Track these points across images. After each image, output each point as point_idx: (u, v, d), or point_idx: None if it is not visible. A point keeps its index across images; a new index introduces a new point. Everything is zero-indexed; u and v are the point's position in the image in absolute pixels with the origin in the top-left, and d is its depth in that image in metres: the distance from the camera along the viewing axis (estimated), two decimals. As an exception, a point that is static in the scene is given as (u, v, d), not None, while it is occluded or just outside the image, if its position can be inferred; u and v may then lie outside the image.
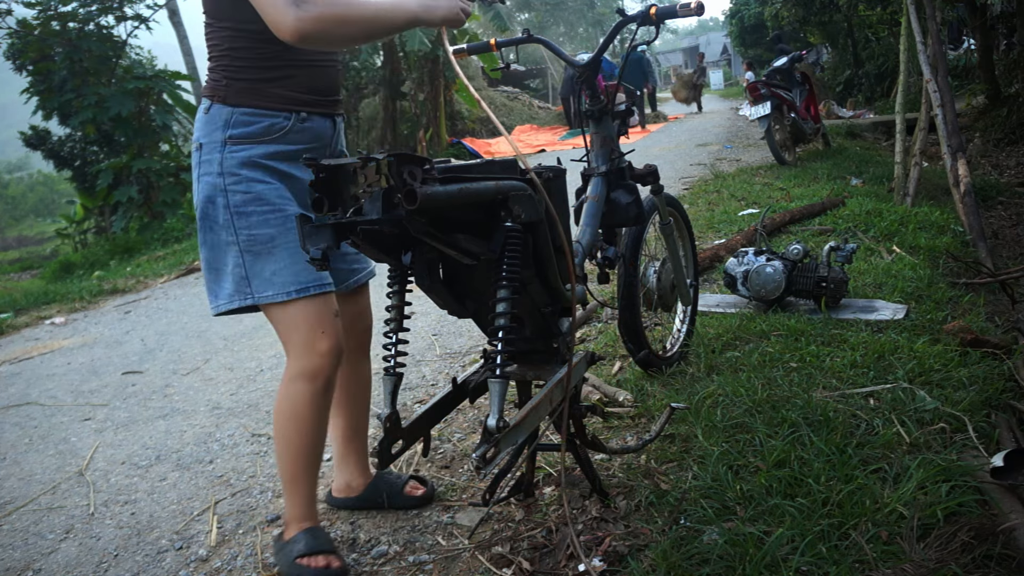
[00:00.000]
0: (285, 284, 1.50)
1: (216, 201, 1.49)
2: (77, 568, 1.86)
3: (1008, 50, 10.57)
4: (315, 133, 1.59)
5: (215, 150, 1.49)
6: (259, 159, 1.50)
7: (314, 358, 1.53)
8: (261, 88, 1.50)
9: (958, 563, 1.35)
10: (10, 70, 11.10)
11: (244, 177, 1.49)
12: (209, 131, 1.50)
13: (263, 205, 1.49)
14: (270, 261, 1.50)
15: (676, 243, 2.48)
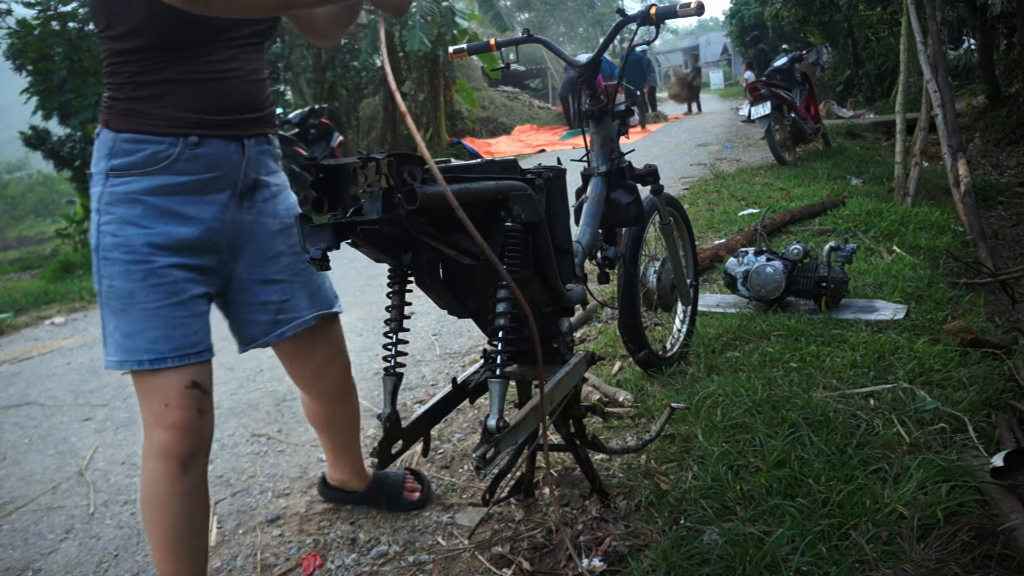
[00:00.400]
0: (135, 351, 1.30)
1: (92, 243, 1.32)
2: (77, 568, 1.86)
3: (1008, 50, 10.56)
4: (212, 160, 1.34)
5: (99, 182, 1.31)
6: (141, 195, 1.29)
7: (160, 434, 1.33)
8: (143, 109, 1.28)
9: (958, 563, 1.35)
10: (10, 70, 11.10)
11: (117, 217, 1.29)
12: (96, 160, 1.33)
13: (128, 253, 1.28)
14: (125, 321, 1.30)
15: (676, 243, 2.48)
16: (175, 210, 1.31)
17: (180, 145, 1.30)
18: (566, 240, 1.56)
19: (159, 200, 1.30)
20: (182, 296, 1.32)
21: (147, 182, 1.29)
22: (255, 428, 2.61)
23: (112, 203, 1.28)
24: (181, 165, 1.31)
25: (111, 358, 1.33)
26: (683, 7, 1.91)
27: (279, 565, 1.76)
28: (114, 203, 1.28)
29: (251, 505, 2.06)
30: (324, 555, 1.77)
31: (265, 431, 2.57)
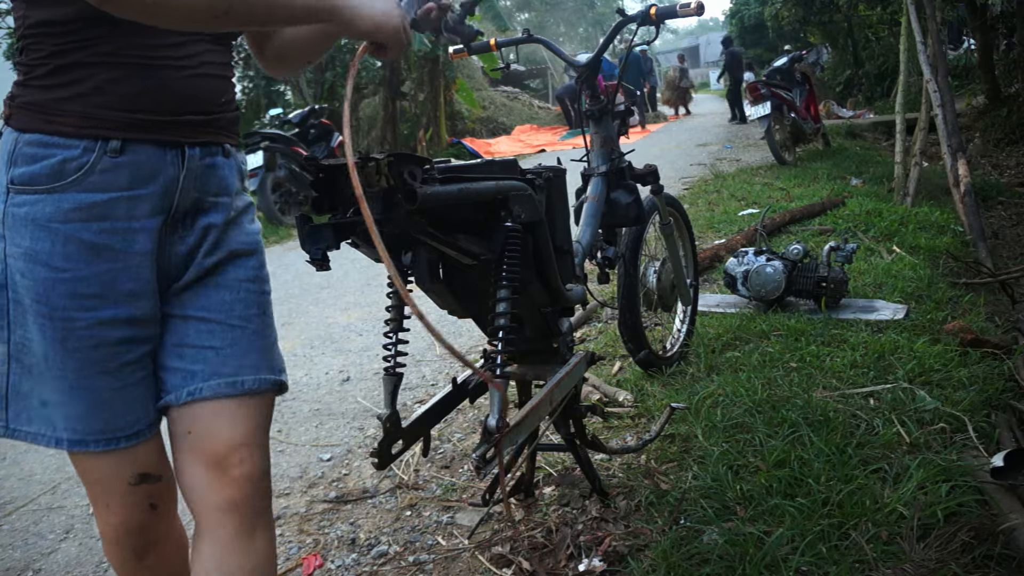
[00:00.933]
0: (53, 426, 1.00)
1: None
2: (77, 568, 1.86)
3: (1008, 50, 10.57)
4: (141, 173, 0.98)
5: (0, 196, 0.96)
6: (49, 222, 0.93)
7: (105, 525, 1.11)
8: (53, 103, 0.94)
9: (958, 563, 1.35)
10: (10, 70, 11.10)
11: (24, 252, 0.94)
12: None
13: (40, 305, 0.95)
14: (41, 385, 0.99)
15: (676, 243, 2.48)
16: (96, 242, 0.95)
17: (97, 151, 0.94)
18: (566, 240, 1.56)
19: (73, 229, 0.94)
20: (111, 364, 0.99)
21: (54, 204, 0.94)
22: (255, 428, 2.61)
23: (16, 228, 0.94)
24: (96, 178, 0.95)
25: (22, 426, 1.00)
26: (683, 7, 1.91)
27: (279, 565, 1.76)
28: (18, 229, 0.94)
29: (251, 505, 2.06)
30: (324, 555, 1.77)
31: (265, 431, 2.57)
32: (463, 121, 14.93)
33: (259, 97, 12.92)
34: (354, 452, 2.32)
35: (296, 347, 3.50)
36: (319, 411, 2.69)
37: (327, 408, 2.71)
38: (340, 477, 2.17)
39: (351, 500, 2.02)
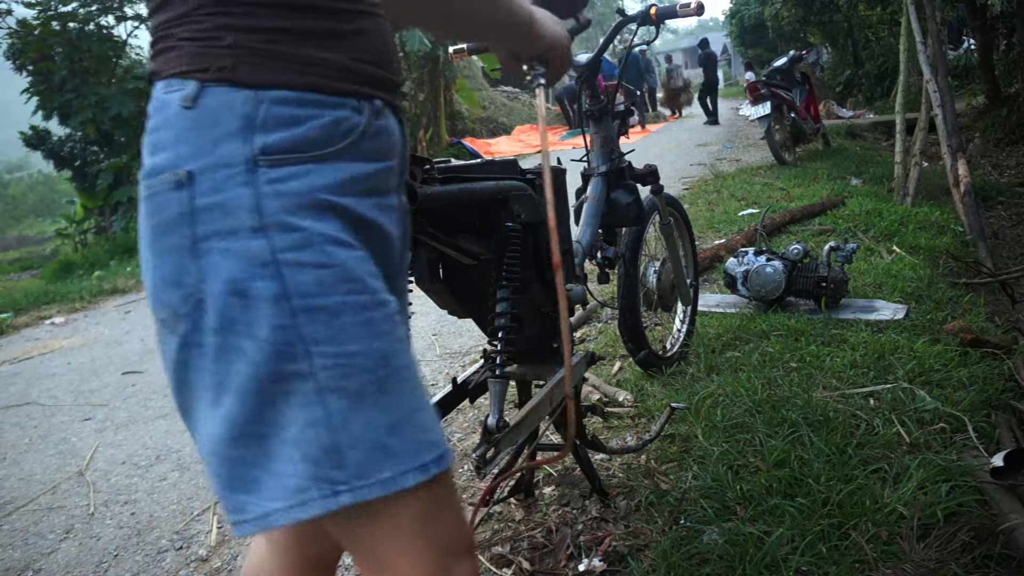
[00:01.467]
0: (417, 452, 0.72)
1: (252, 291, 0.68)
2: (77, 568, 1.86)
3: (1008, 50, 10.57)
4: (391, 140, 0.81)
5: (233, 180, 0.68)
6: (330, 195, 0.71)
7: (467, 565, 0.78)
8: (308, 53, 0.72)
9: (958, 563, 1.35)
10: (10, 70, 11.10)
11: (312, 235, 0.69)
12: (207, 143, 0.69)
13: (358, 293, 0.71)
14: (385, 407, 0.71)
15: (676, 243, 2.48)
16: (374, 221, 0.76)
17: (366, 113, 0.76)
18: (566, 240, 1.56)
19: (353, 203, 0.73)
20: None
21: (330, 173, 0.72)
22: (255, 428, 2.61)
23: (291, 211, 0.69)
24: (367, 145, 0.76)
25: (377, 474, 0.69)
26: (683, 7, 1.91)
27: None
28: (294, 211, 0.69)
29: (251, 505, 2.06)
30: (324, 555, 1.77)
31: (265, 431, 2.57)
32: (463, 121, 14.94)
33: (259, 97, 12.91)
34: (354, 452, 2.32)
35: (296, 347, 3.51)
36: (319, 411, 2.69)
37: (327, 408, 2.71)
38: (340, 477, 2.17)
39: (351, 500, 2.02)
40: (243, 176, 0.68)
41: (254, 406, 0.67)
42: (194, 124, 0.69)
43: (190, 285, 0.68)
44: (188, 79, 0.69)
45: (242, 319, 0.67)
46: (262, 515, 0.68)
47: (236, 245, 0.68)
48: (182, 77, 0.70)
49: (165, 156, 0.69)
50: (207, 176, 0.68)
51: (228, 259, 0.68)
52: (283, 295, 0.68)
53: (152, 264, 0.71)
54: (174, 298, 0.69)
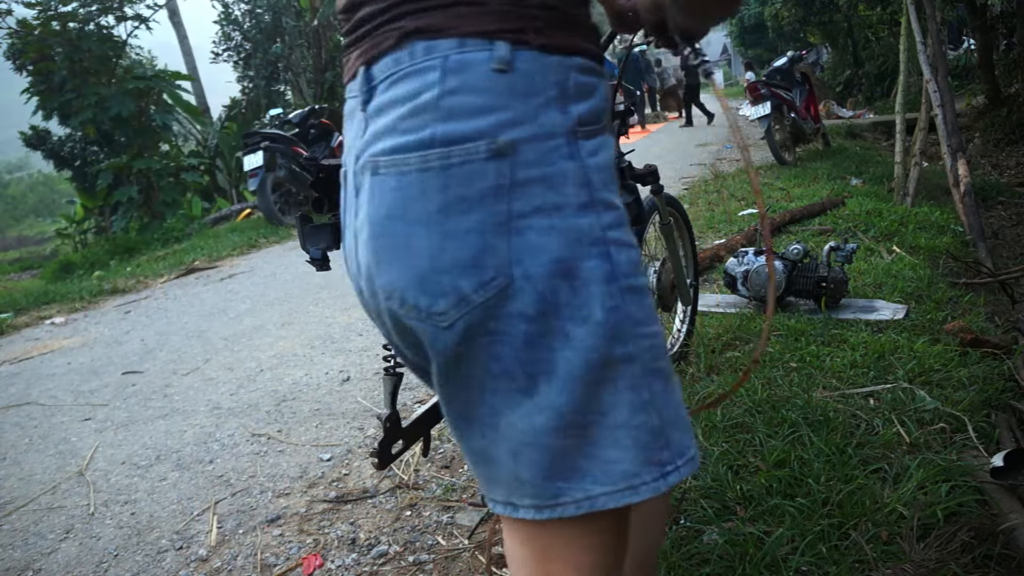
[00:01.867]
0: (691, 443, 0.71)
1: (582, 272, 0.63)
2: (77, 568, 1.86)
3: (1008, 50, 10.57)
4: None
5: (557, 152, 0.63)
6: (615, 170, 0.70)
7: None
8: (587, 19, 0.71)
9: (958, 563, 1.35)
10: (10, 70, 11.11)
11: (622, 211, 0.68)
12: (530, 111, 0.63)
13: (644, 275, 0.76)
14: (675, 384, 0.71)
15: (676, 243, 2.48)
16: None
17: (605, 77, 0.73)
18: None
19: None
20: None
21: (611, 145, 0.69)
22: (255, 428, 2.61)
23: (608, 186, 0.66)
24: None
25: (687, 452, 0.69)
26: (683, 7, 1.91)
27: (279, 565, 1.76)
28: (609, 186, 0.66)
29: (251, 505, 2.07)
30: (324, 555, 1.77)
31: (265, 431, 2.57)
32: (463, 121, 14.93)
33: (259, 97, 12.93)
34: (354, 452, 2.32)
35: (296, 347, 3.51)
36: (319, 411, 2.69)
37: (327, 408, 2.71)
38: (340, 477, 2.17)
39: (351, 500, 2.02)
40: (566, 148, 0.63)
41: (582, 393, 0.63)
42: (511, 89, 0.62)
43: (493, 268, 0.61)
44: (496, 40, 0.62)
45: (570, 302, 0.62)
46: (584, 499, 0.65)
47: (562, 223, 0.62)
48: (487, 37, 0.62)
49: (476, 123, 0.61)
50: (531, 147, 0.62)
51: (552, 238, 0.62)
52: (613, 275, 0.64)
53: (432, 247, 0.62)
54: (465, 284, 0.61)
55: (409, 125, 0.62)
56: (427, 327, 0.65)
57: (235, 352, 3.59)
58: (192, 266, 6.39)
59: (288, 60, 12.91)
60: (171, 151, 12.07)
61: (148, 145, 11.25)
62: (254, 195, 7.62)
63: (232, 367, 3.36)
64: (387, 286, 0.65)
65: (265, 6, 12.81)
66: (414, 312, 0.64)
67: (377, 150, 0.63)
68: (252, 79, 13.03)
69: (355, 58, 0.69)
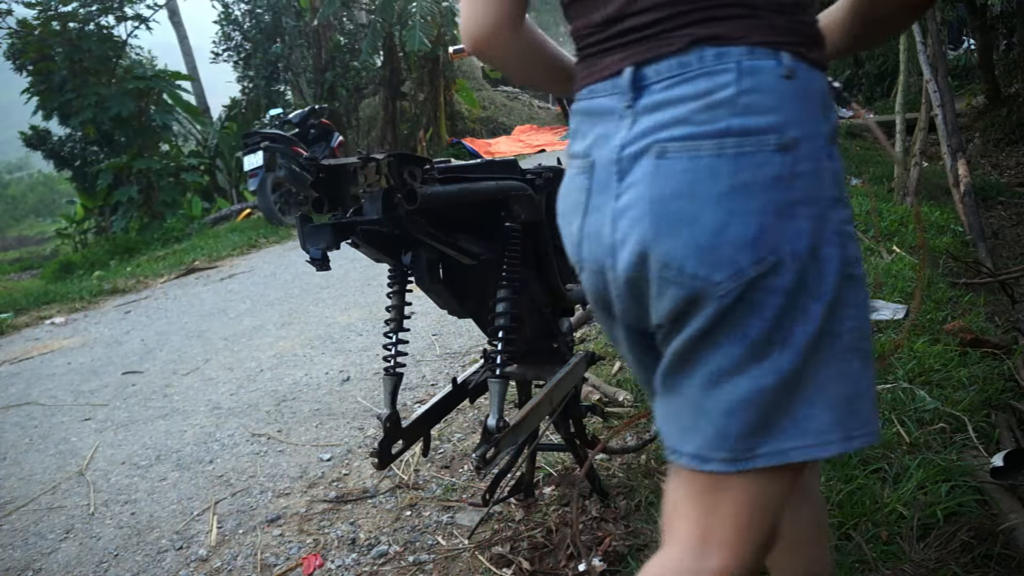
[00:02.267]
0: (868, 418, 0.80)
1: (823, 256, 0.73)
2: (77, 568, 1.86)
3: (1008, 50, 10.56)
4: None
5: (821, 152, 0.74)
6: None
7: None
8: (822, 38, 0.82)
9: (958, 563, 1.35)
10: (10, 70, 11.10)
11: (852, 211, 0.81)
12: (808, 115, 0.73)
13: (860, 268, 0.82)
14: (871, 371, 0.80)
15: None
16: None
17: None
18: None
19: None
20: None
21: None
22: (255, 428, 2.61)
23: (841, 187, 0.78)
24: None
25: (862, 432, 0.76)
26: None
27: (279, 565, 1.76)
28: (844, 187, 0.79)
29: (251, 505, 2.07)
30: (324, 555, 1.77)
31: (265, 431, 2.57)
32: (463, 121, 14.94)
33: (259, 97, 12.93)
34: (354, 452, 2.32)
35: (296, 347, 3.51)
36: (319, 411, 2.69)
37: (327, 408, 2.71)
38: (340, 477, 2.17)
39: (351, 500, 2.02)
40: (826, 151, 0.74)
41: (803, 361, 0.72)
42: (796, 95, 0.72)
43: (769, 247, 0.70)
44: (781, 51, 0.72)
45: (814, 282, 0.72)
46: (775, 452, 0.73)
47: (820, 213, 0.73)
48: (773, 48, 0.72)
49: (768, 119, 0.71)
50: (807, 145, 0.72)
51: (812, 225, 0.72)
52: (843, 262, 0.74)
53: (717, 224, 0.70)
54: (743, 259, 0.70)
55: (705, 117, 0.71)
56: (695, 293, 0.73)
57: (235, 352, 3.59)
58: (192, 266, 6.40)
59: (288, 60, 12.91)
60: (171, 151, 12.06)
61: (148, 145, 11.25)
62: (254, 195, 7.62)
63: (232, 367, 3.36)
64: (665, 256, 0.73)
65: (265, 6, 12.81)
66: (690, 280, 0.72)
67: (666, 136, 0.72)
68: (252, 79, 13.02)
69: (617, 60, 0.77)
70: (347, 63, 12.38)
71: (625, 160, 0.75)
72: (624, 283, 0.78)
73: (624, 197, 0.75)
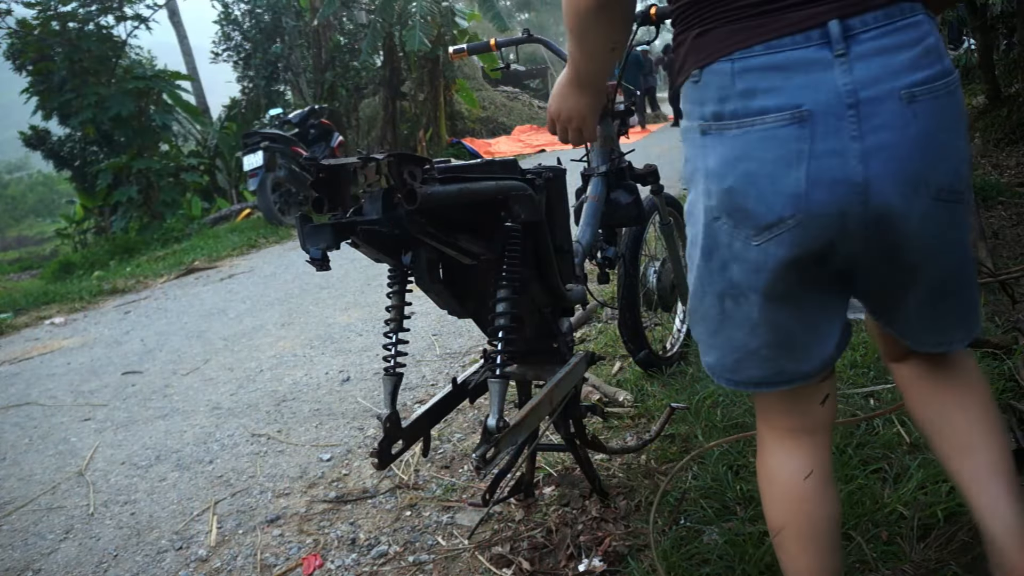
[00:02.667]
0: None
1: None
2: (77, 568, 1.86)
3: (1008, 50, 10.56)
4: None
5: None
6: None
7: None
8: None
9: (958, 563, 1.35)
10: (10, 70, 11.10)
11: None
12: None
13: None
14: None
15: (676, 243, 2.48)
16: None
17: None
18: (566, 240, 1.56)
19: None
20: None
21: None
22: (255, 428, 2.61)
23: None
24: None
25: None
26: (683, 7, 1.91)
27: (279, 565, 1.76)
28: None
29: (251, 505, 2.06)
30: (324, 555, 1.77)
31: (265, 431, 2.57)
32: (463, 121, 14.94)
33: (259, 97, 12.93)
34: (354, 452, 2.32)
35: (296, 347, 3.51)
36: (319, 411, 2.69)
37: (327, 408, 2.71)
38: (340, 477, 2.17)
39: (351, 500, 2.02)
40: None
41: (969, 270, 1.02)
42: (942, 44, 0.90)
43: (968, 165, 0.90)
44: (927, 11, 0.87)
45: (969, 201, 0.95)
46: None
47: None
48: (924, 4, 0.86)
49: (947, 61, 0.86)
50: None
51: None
52: None
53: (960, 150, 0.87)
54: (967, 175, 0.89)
55: (927, 62, 0.83)
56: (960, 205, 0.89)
57: (235, 352, 3.59)
58: (192, 266, 6.39)
59: (288, 60, 12.91)
60: (171, 151, 12.06)
61: (148, 145, 11.24)
62: (254, 195, 7.62)
63: (232, 367, 3.36)
64: (941, 182, 0.85)
65: (265, 6, 12.80)
66: (958, 196, 0.88)
67: (908, 82, 0.82)
68: (252, 79, 13.02)
69: (812, 15, 0.84)
70: (347, 63, 12.38)
71: (864, 104, 0.81)
72: (875, 217, 0.85)
73: (874, 137, 0.81)
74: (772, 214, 0.86)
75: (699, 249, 0.95)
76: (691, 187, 0.95)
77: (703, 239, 0.93)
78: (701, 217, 0.92)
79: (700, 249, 0.94)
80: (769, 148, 0.84)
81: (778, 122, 0.83)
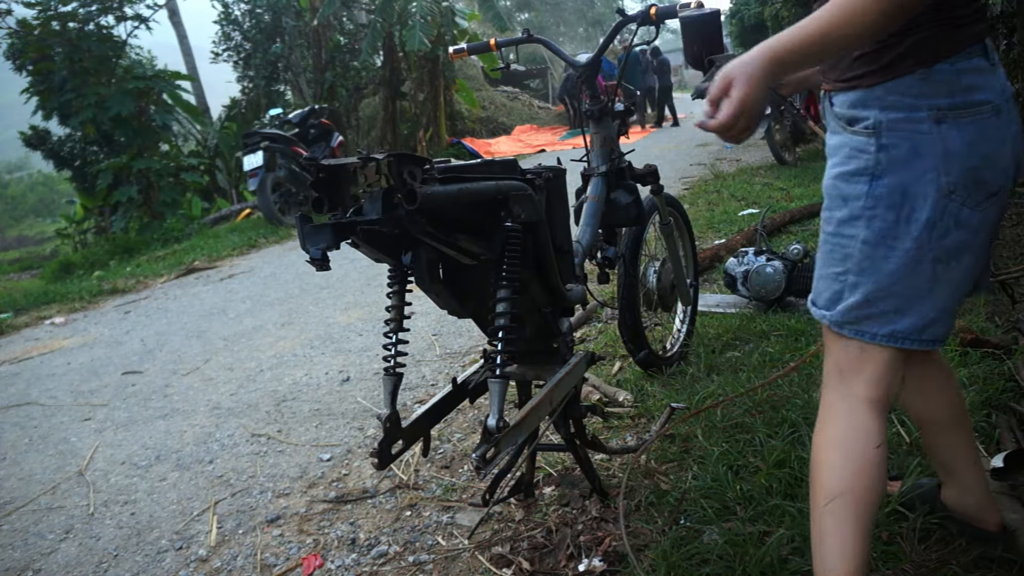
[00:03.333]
0: None
1: None
2: (77, 568, 1.86)
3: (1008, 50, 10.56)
4: None
5: None
6: None
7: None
8: None
9: (958, 563, 1.35)
10: (10, 70, 11.10)
11: None
12: None
13: None
14: None
15: (676, 243, 2.48)
16: None
17: None
18: (566, 240, 1.56)
19: None
20: None
21: None
22: (255, 428, 2.61)
23: None
24: None
25: None
26: (683, 7, 1.91)
27: (279, 565, 1.76)
28: None
29: (251, 505, 2.07)
30: (324, 555, 1.77)
31: (265, 431, 2.57)
32: (463, 121, 14.93)
33: (259, 97, 12.92)
34: (354, 452, 2.32)
35: (296, 347, 3.51)
36: (319, 411, 2.69)
37: (327, 408, 2.71)
38: (340, 477, 2.17)
39: (351, 500, 2.02)
40: None
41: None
42: None
43: None
44: None
45: None
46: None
47: None
48: None
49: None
50: None
51: None
52: None
53: None
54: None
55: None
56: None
57: (235, 352, 3.59)
58: (192, 266, 6.39)
59: (288, 60, 12.90)
60: (171, 151, 12.05)
61: (148, 145, 11.24)
62: (254, 195, 7.62)
63: (232, 367, 3.36)
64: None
65: (265, 6, 12.80)
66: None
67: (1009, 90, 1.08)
68: (252, 79, 13.02)
69: (980, 31, 1.06)
70: (347, 63, 12.38)
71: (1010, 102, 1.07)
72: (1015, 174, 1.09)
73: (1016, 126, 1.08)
74: (996, 185, 1.06)
75: (921, 223, 1.05)
76: (902, 169, 1.05)
77: (929, 212, 1.05)
78: (931, 193, 1.04)
79: (923, 222, 1.05)
80: (993, 135, 1.06)
81: (996, 112, 1.05)
